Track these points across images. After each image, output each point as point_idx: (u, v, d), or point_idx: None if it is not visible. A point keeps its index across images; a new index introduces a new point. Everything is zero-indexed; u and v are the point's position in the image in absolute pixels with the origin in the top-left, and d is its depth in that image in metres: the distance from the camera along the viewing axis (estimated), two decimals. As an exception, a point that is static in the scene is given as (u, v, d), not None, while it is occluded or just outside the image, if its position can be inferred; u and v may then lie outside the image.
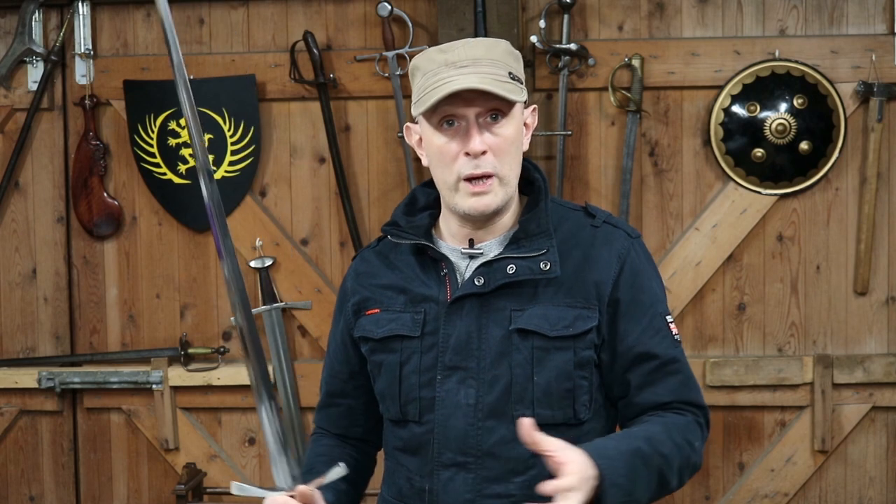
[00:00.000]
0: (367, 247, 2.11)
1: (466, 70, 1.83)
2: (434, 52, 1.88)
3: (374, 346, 1.98)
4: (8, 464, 4.07)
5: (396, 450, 1.98)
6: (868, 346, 3.79)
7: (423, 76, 1.87)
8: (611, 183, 3.80)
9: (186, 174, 3.89)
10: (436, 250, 1.94)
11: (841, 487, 3.84)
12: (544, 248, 1.89)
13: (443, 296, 1.92)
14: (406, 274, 1.97)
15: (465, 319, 1.90)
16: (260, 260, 3.87)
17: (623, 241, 1.94)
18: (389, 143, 3.86)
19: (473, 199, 1.86)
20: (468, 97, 1.82)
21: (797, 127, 3.69)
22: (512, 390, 1.87)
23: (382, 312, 1.97)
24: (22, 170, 3.99)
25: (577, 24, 3.76)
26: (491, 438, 1.87)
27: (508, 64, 1.87)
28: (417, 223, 1.98)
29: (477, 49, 1.86)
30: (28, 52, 3.89)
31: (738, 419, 3.83)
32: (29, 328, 4.03)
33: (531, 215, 1.92)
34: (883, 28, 3.71)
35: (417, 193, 2.05)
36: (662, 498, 1.88)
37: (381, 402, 2.00)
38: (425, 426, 1.92)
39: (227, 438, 4.00)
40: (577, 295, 1.89)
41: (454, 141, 1.86)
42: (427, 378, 1.91)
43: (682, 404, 1.91)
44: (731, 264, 3.81)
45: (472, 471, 1.88)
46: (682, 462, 1.85)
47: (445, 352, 1.90)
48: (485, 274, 1.89)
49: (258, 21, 3.90)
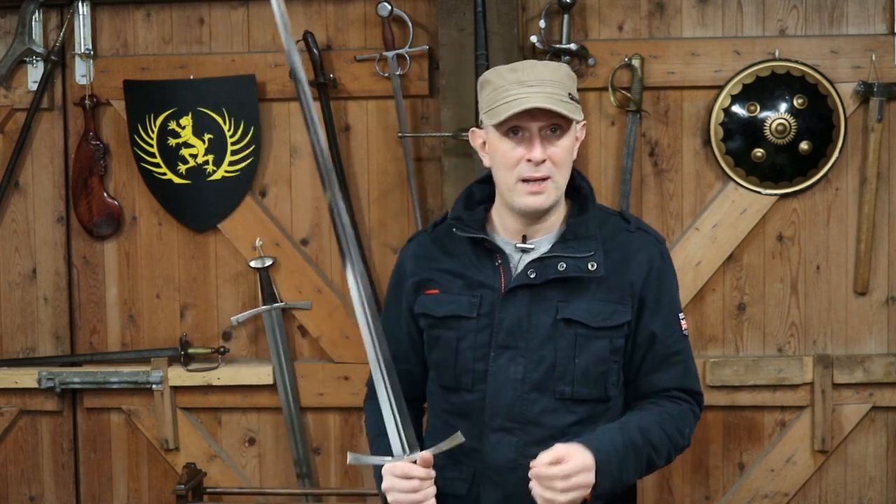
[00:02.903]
0: (422, 231, 2.43)
1: (534, 89, 2.13)
2: (505, 70, 2.19)
3: (434, 323, 2.28)
4: (8, 464, 4.07)
5: (446, 412, 2.28)
6: (868, 346, 3.79)
7: (493, 90, 2.18)
8: (611, 183, 3.80)
9: (186, 174, 3.88)
10: (493, 243, 2.25)
11: (841, 487, 3.84)
12: (592, 250, 2.21)
13: (497, 283, 2.23)
14: (462, 261, 2.27)
15: (517, 306, 2.20)
16: (260, 260, 3.87)
17: (653, 246, 2.28)
18: (389, 143, 3.86)
19: (530, 198, 2.17)
20: (534, 112, 2.14)
21: (797, 127, 3.69)
22: (555, 369, 2.20)
23: (442, 293, 2.27)
24: (22, 170, 3.99)
25: (577, 24, 3.76)
26: (535, 408, 2.20)
27: (568, 86, 2.19)
28: (475, 217, 2.28)
29: (544, 71, 2.17)
30: (28, 52, 3.89)
31: (738, 419, 3.83)
32: (29, 328, 4.03)
33: (580, 219, 2.25)
34: (883, 28, 3.71)
35: (474, 189, 2.35)
36: (650, 473, 2.24)
37: (435, 370, 2.31)
38: (477, 394, 2.23)
39: (227, 438, 4.00)
40: (615, 292, 2.22)
41: (519, 147, 2.17)
42: (481, 353, 2.22)
43: (681, 392, 2.28)
44: (731, 264, 3.81)
45: (517, 435, 2.20)
46: (670, 448, 2.22)
47: (499, 332, 2.21)
48: (537, 268, 2.21)
49: (258, 21, 3.90)
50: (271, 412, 3.96)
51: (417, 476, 2.10)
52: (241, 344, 3.97)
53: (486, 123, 2.21)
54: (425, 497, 2.11)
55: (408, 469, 2.10)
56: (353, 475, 3.96)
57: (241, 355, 3.98)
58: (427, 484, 2.12)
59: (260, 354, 3.97)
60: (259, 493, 3.90)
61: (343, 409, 3.92)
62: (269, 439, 3.99)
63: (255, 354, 3.98)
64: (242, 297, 3.95)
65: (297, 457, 3.92)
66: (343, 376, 3.88)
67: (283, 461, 3.98)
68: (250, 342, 3.97)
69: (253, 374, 3.89)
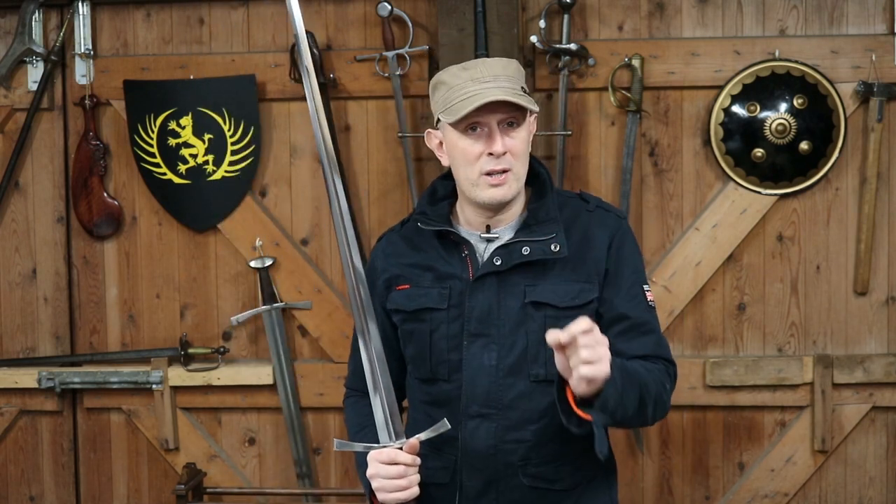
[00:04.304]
0: (391, 230, 2.44)
1: (489, 85, 2.17)
2: (457, 69, 2.22)
3: (406, 317, 2.30)
4: (8, 464, 4.07)
5: (425, 403, 2.31)
6: (868, 346, 3.79)
7: (448, 90, 2.21)
8: (611, 183, 3.80)
9: (186, 174, 3.89)
10: (458, 235, 2.29)
11: (841, 487, 3.84)
12: (553, 232, 2.24)
13: (465, 273, 2.26)
14: (430, 255, 2.31)
15: (486, 293, 2.23)
16: (260, 260, 3.87)
17: (613, 221, 2.30)
18: (389, 143, 3.86)
19: (493, 190, 2.21)
20: (492, 107, 2.17)
21: (797, 127, 3.69)
22: (528, 353, 2.21)
23: (412, 288, 2.30)
24: (22, 170, 3.99)
25: (577, 24, 3.77)
26: (510, 393, 2.22)
27: (519, 80, 2.23)
28: (440, 211, 2.33)
29: (495, 67, 2.21)
30: (28, 52, 3.89)
31: (738, 419, 3.83)
32: (29, 328, 4.03)
33: (539, 204, 2.28)
34: (883, 28, 3.71)
35: (437, 186, 2.39)
36: (640, 422, 2.16)
37: (412, 364, 2.33)
38: (453, 383, 2.25)
39: (227, 438, 4.00)
40: (580, 271, 2.24)
41: (478, 143, 2.20)
42: (454, 343, 2.25)
43: (656, 358, 2.24)
44: (731, 264, 3.81)
45: (495, 420, 2.23)
46: (656, 395, 2.16)
47: (470, 321, 2.24)
48: (502, 255, 2.23)
49: (258, 21, 3.90)
50: (271, 412, 3.96)
51: (403, 462, 2.12)
52: (241, 344, 3.97)
53: (444, 123, 2.23)
54: (410, 483, 2.12)
55: (393, 455, 2.12)
56: (353, 475, 3.96)
57: (241, 355, 3.98)
58: (412, 470, 2.13)
59: (260, 354, 3.97)
60: (259, 493, 3.90)
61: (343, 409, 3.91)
62: (269, 439, 3.99)
63: (255, 354, 3.98)
64: (242, 297, 3.95)
65: (297, 457, 3.92)
66: (343, 376, 3.85)
67: (283, 461, 3.98)
68: (250, 342, 3.97)
69: (253, 374, 3.89)
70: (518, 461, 2.23)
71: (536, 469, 2.24)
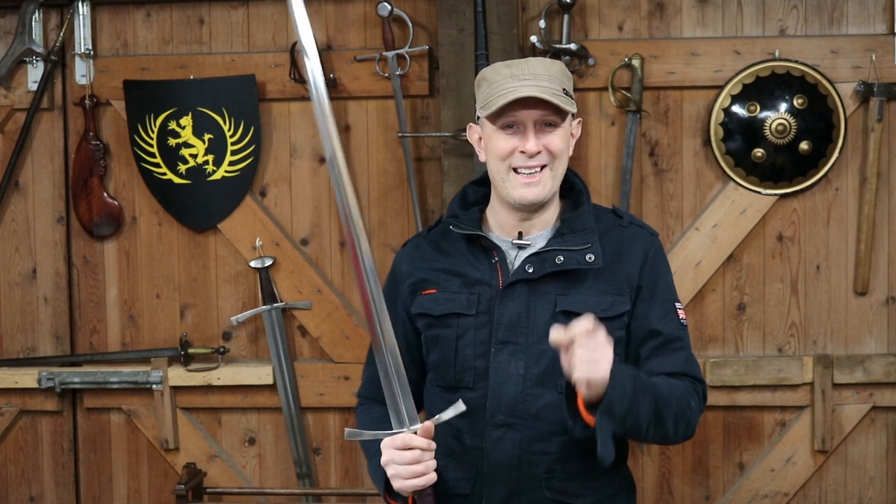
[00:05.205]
0: (417, 235, 2.43)
1: (528, 83, 2.16)
2: (501, 66, 2.21)
3: (432, 322, 2.27)
4: (8, 464, 4.07)
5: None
6: (868, 346, 3.79)
7: (489, 85, 2.20)
8: (611, 183, 3.80)
9: (186, 174, 3.88)
10: (489, 240, 2.26)
11: (841, 487, 3.84)
12: (589, 242, 2.22)
13: (495, 280, 2.23)
14: (459, 260, 2.28)
15: (515, 301, 2.20)
16: (260, 260, 3.87)
17: (647, 238, 2.29)
18: (389, 143, 3.86)
19: (525, 190, 2.18)
20: (528, 105, 2.16)
21: (797, 127, 3.69)
22: (556, 363, 2.08)
23: (440, 293, 2.27)
24: (22, 170, 3.99)
25: (577, 24, 3.76)
26: (538, 403, 2.18)
27: (563, 81, 2.22)
28: (471, 216, 2.30)
29: (537, 67, 2.20)
30: (28, 52, 3.89)
31: (738, 419, 3.83)
32: (29, 328, 4.03)
33: (576, 213, 2.26)
34: (883, 28, 3.71)
35: (468, 190, 2.37)
36: (661, 437, 2.14)
37: (435, 371, 2.28)
38: (478, 392, 2.20)
39: (227, 438, 4.00)
40: (613, 283, 2.22)
41: (512, 139, 2.19)
42: (481, 350, 2.21)
43: (683, 375, 2.21)
44: (731, 264, 3.81)
45: (520, 431, 2.18)
46: (678, 411, 2.13)
47: (499, 328, 2.20)
48: (534, 263, 2.21)
49: (258, 21, 3.90)
50: (271, 412, 3.96)
51: (418, 446, 2.05)
52: (241, 344, 3.97)
53: (482, 117, 2.23)
54: (426, 469, 2.06)
55: (408, 439, 2.05)
56: (353, 475, 3.96)
57: (241, 355, 3.98)
58: (429, 455, 2.06)
59: (260, 354, 3.97)
60: (259, 493, 3.90)
61: (343, 409, 3.92)
62: (269, 439, 3.99)
63: (255, 354, 3.98)
64: (242, 297, 3.95)
65: (296, 457, 3.92)
66: (343, 376, 3.88)
67: (283, 461, 3.98)
68: (250, 342, 3.97)
69: (253, 374, 3.89)
70: (542, 473, 2.20)
71: (561, 483, 2.20)
